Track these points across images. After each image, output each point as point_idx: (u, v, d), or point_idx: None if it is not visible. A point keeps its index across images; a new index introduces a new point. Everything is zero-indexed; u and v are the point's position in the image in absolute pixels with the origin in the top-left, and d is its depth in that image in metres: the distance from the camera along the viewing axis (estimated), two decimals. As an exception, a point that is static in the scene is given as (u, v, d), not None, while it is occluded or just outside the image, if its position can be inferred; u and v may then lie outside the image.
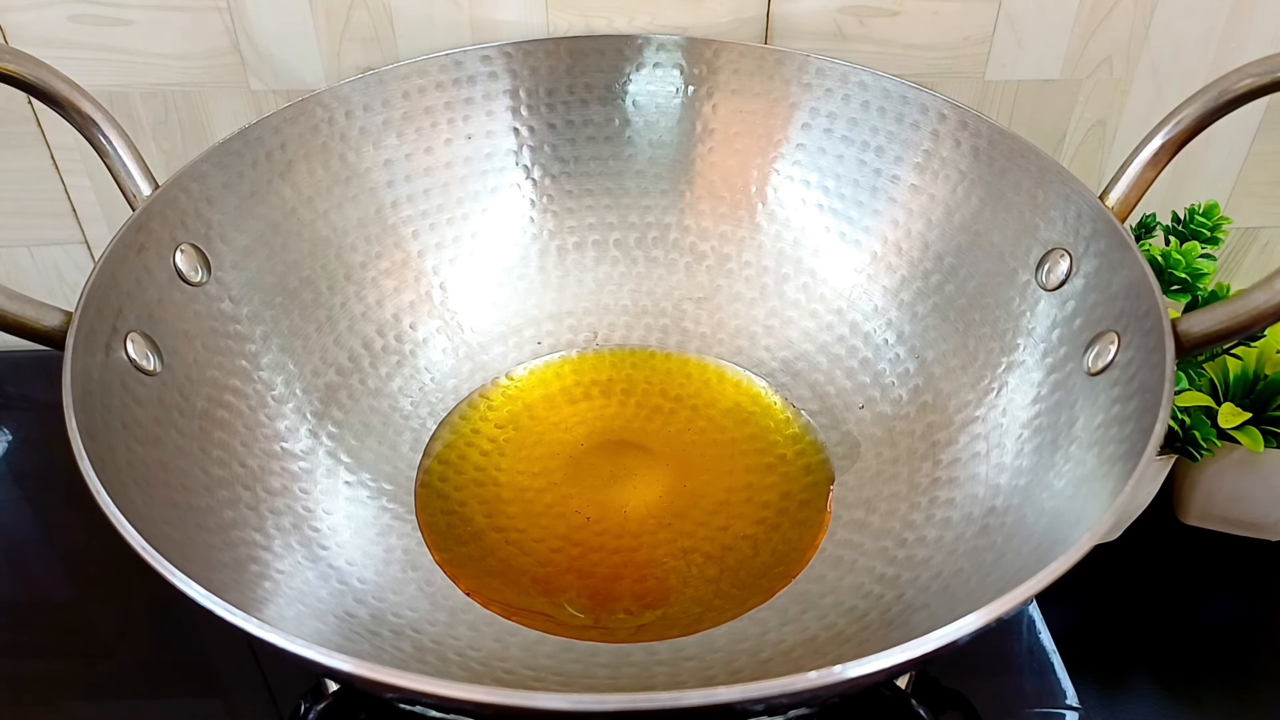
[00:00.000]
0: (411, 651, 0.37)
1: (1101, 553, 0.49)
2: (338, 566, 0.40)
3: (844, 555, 0.42)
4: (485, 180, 0.50)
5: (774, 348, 0.50)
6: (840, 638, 0.38)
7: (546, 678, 0.38)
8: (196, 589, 0.27)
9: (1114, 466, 0.33)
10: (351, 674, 0.25)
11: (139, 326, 0.38)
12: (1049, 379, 0.40)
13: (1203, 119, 0.37)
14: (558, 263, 0.52)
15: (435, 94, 0.48)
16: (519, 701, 0.25)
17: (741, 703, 0.24)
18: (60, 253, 0.56)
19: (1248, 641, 0.46)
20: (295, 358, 0.45)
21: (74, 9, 0.48)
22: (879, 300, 0.48)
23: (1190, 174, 0.55)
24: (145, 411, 0.37)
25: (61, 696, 0.42)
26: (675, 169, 0.51)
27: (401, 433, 0.47)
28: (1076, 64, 0.51)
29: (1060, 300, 0.41)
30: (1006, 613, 0.27)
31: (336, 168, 0.47)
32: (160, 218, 0.40)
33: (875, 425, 0.46)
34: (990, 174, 0.44)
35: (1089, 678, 0.44)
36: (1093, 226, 0.39)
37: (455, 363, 0.49)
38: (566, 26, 0.50)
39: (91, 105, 0.39)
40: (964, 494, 0.41)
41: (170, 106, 0.51)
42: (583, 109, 0.50)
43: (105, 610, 0.46)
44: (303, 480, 0.42)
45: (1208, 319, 0.34)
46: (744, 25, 0.50)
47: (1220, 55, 0.51)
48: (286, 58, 0.50)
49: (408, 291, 0.49)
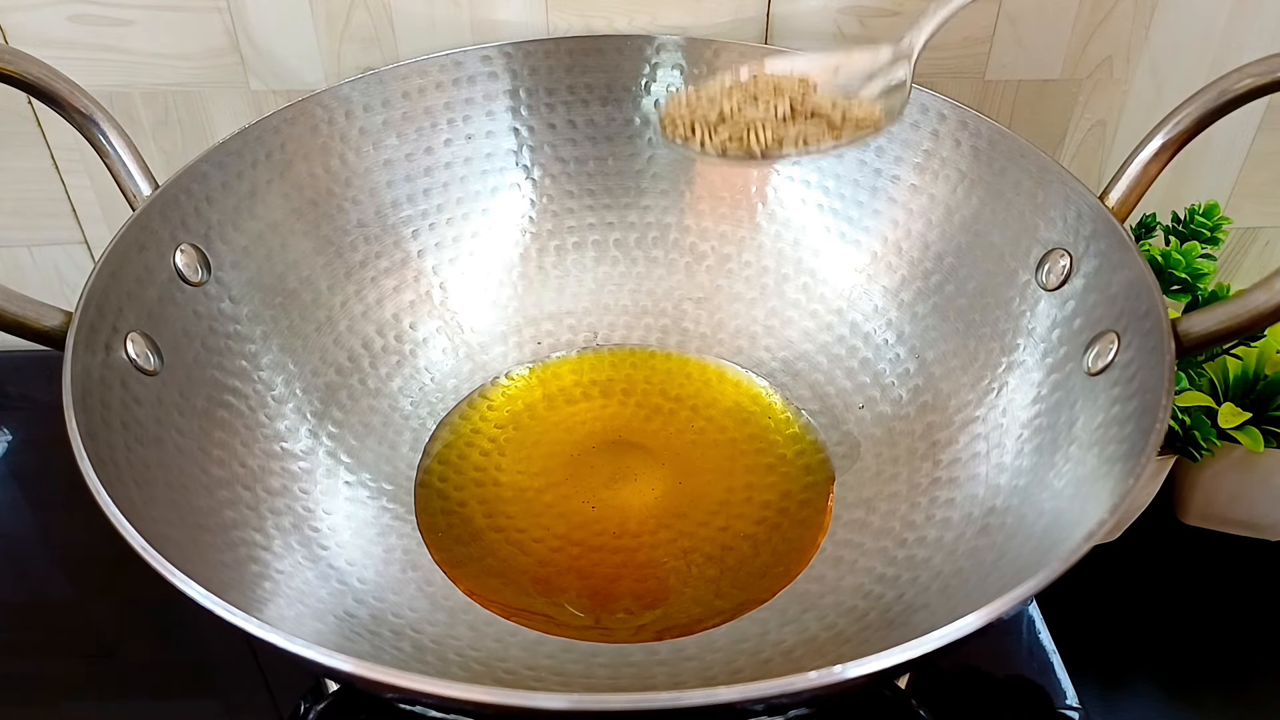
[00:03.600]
0: (411, 651, 0.37)
1: (1101, 553, 0.49)
2: (338, 566, 0.40)
3: (844, 555, 0.42)
4: (485, 180, 0.50)
5: (774, 348, 0.50)
6: (840, 638, 0.38)
7: (546, 678, 0.38)
8: (196, 589, 0.27)
9: (1114, 466, 0.33)
10: (351, 674, 0.25)
11: (139, 326, 0.38)
12: (1049, 379, 0.40)
13: (1203, 119, 0.37)
14: (558, 263, 0.52)
15: (435, 94, 0.48)
16: (519, 701, 0.25)
17: (741, 703, 0.24)
18: (60, 253, 0.56)
19: (1248, 641, 0.46)
20: (295, 358, 0.45)
21: (74, 9, 0.48)
22: (879, 300, 0.48)
23: (1190, 174, 0.55)
24: (145, 411, 0.37)
25: (61, 696, 0.42)
26: (675, 169, 0.51)
27: (401, 433, 0.47)
28: (1076, 64, 0.51)
29: (1060, 300, 0.41)
30: (1006, 613, 0.27)
31: (336, 168, 0.47)
32: (160, 218, 0.40)
33: (875, 425, 0.46)
34: (990, 174, 0.44)
35: (1089, 678, 0.44)
36: (1093, 226, 0.39)
37: (455, 363, 0.49)
38: (566, 26, 0.50)
39: (91, 105, 0.39)
40: (964, 494, 0.41)
41: (170, 106, 0.51)
42: (583, 109, 0.50)
43: (105, 610, 0.46)
44: (303, 480, 0.42)
45: (1208, 319, 0.34)
46: (744, 25, 0.50)
47: (1220, 55, 0.51)
48: (286, 58, 0.50)
49: (408, 291, 0.49)
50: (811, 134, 0.33)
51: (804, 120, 0.33)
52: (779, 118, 0.33)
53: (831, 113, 0.34)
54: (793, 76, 0.36)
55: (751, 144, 0.33)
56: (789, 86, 0.35)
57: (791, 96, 0.34)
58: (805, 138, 0.33)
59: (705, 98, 0.35)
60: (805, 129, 0.33)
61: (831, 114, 0.34)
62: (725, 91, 0.35)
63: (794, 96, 0.34)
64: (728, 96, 0.34)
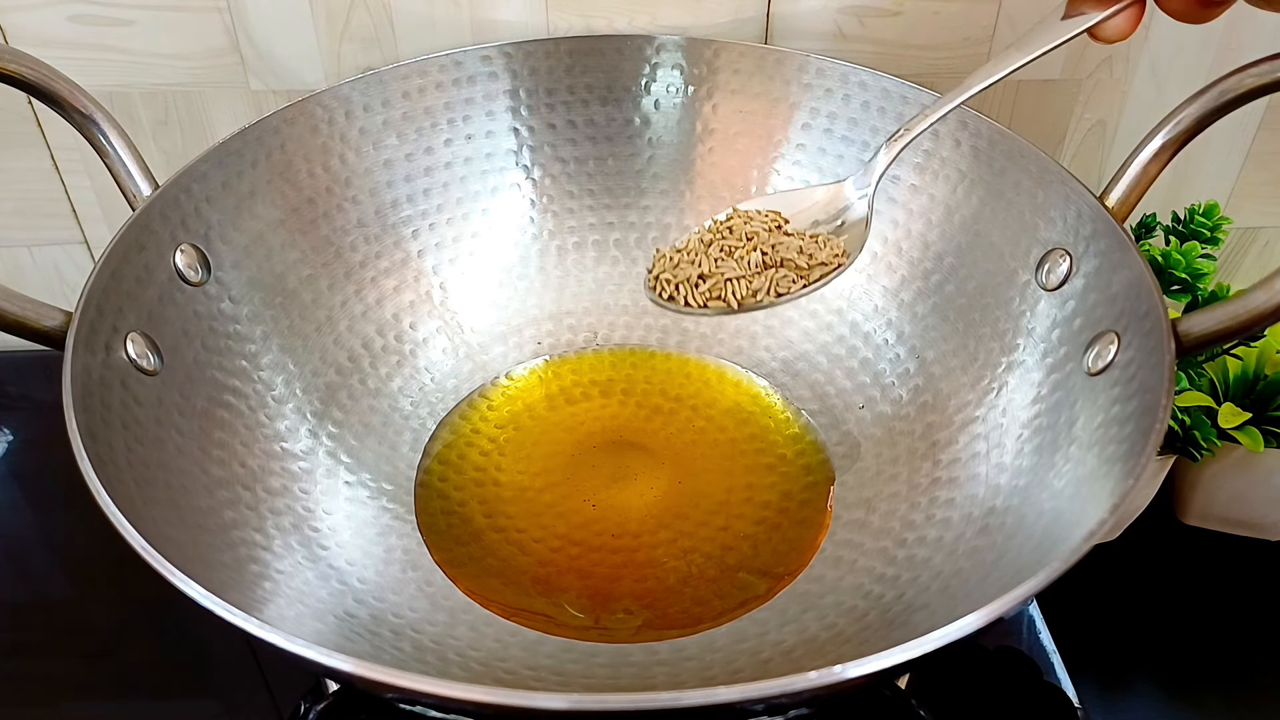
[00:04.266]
0: (411, 651, 0.37)
1: (1101, 553, 0.49)
2: (338, 566, 0.40)
3: (844, 555, 0.42)
4: (485, 180, 0.50)
5: (774, 348, 0.50)
6: (840, 638, 0.38)
7: (546, 678, 0.38)
8: (196, 589, 0.27)
9: (1114, 466, 0.33)
10: (351, 674, 0.25)
11: (139, 326, 0.38)
12: (1049, 379, 0.40)
13: (1203, 119, 0.37)
14: (558, 263, 0.52)
15: (435, 94, 0.48)
16: (519, 701, 0.25)
17: (741, 703, 0.24)
18: (60, 253, 0.56)
19: (1248, 641, 0.46)
20: (295, 358, 0.45)
21: (74, 9, 0.48)
22: (879, 300, 0.48)
23: (1190, 174, 0.55)
24: (145, 411, 0.37)
25: (61, 696, 0.42)
26: (675, 169, 0.51)
27: (401, 433, 0.47)
28: (1076, 64, 0.51)
29: (1060, 300, 0.41)
30: (1006, 613, 0.27)
31: (336, 168, 0.47)
32: (160, 218, 0.40)
33: (875, 425, 0.46)
34: (990, 174, 0.44)
35: (1089, 678, 0.44)
36: (1093, 227, 0.39)
37: (455, 363, 0.49)
38: (566, 26, 0.50)
39: (91, 105, 0.39)
40: (964, 494, 0.41)
41: (170, 106, 0.51)
42: (583, 109, 0.50)
43: (105, 610, 0.46)
44: (303, 480, 0.42)
45: (1208, 319, 0.34)
46: (744, 25, 0.50)
47: (1220, 55, 0.51)
48: (286, 58, 0.50)
49: (408, 291, 0.49)
50: (782, 282, 0.38)
51: (775, 269, 0.38)
52: (753, 268, 0.38)
53: (799, 259, 0.38)
54: (765, 213, 0.40)
55: (730, 300, 0.37)
56: (761, 227, 0.39)
57: (763, 248, 0.38)
58: (776, 288, 0.38)
59: (687, 257, 0.39)
60: (776, 278, 0.38)
61: (799, 260, 0.38)
62: (704, 247, 0.39)
63: (765, 246, 0.38)
64: (706, 253, 0.38)
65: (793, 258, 0.38)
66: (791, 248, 0.38)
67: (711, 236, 0.39)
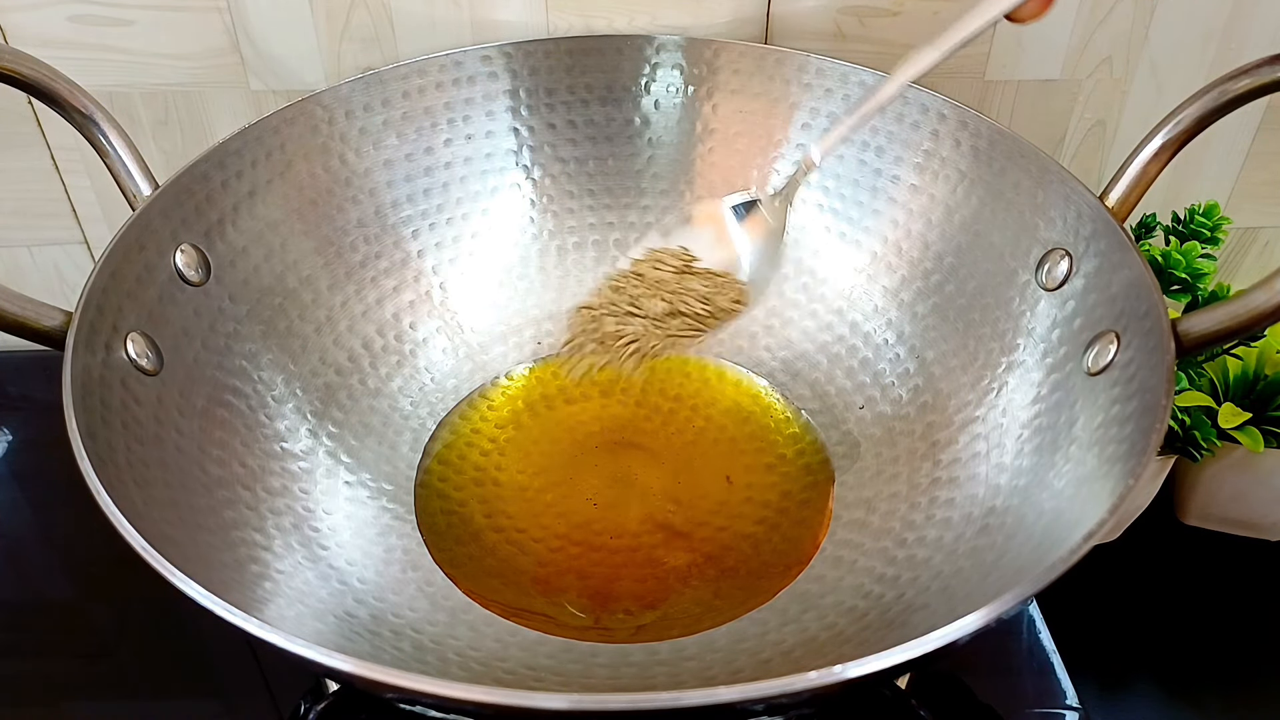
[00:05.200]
0: (411, 651, 0.37)
1: (1101, 553, 0.49)
2: (338, 566, 0.40)
3: (844, 555, 0.42)
4: (485, 180, 0.50)
5: (774, 347, 0.50)
6: (840, 638, 0.38)
7: (546, 678, 0.38)
8: (196, 589, 0.27)
9: (1114, 466, 0.33)
10: (351, 674, 0.25)
11: (139, 326, 0.38)
12: (1049, 379, 0.40)
13: (1203, 119, 0.37)
14: (558, 263, 0.52)
15: (435, 94, 0.48)
16: (519, 701, 0.25)
17: (741, 703, 0.24)
18: (60, 253, 0.56)
19: (1248, 641, 0.46)
20: (295, 358, 0.45)
21: (74, 9, 0.48)
22: (879, 300, 0.48)
23: (1190, 174, 0.55)
24: (145, 411, 0.37)
25: (61, 696, 0.42)
26: (675, 169, 0.51)
27: (401, 433, 0.47)
28: (1076, 64, 0.51)
29: (1060, 300, 0.41)
30: (1006, 613, 0.27)
31: (336, 168, 0.47)
32: (160, 218, 0.40)
33: (875, 425, 0.46)
34: (990, 174, 0.44)
35: (1089, 678, 0.44)
36: (1093, 226, 0.39)
37: (455, 363, 0.49)
38: (566, 26, 0.50)
39: (91, 105, 0.39)
40: (964, 494, 0.41)
41: (170, 106, 0.51)
42: (583, 109, 0.50)
43: (105, 610, 0.46)
44: (303, 480, 0.42)
45: (1208, 319, 0.34)
46: (744, 25, 0.50)
47: (1220, 55, 0.51)
48: (286, 58, 0.50)
49: (408, 291, 0.49)
50: (685, 333, 0.40)
51: (678, 318, 0.40)
52: (659, 316, 0.40)
53: (699, 307, 0.40)
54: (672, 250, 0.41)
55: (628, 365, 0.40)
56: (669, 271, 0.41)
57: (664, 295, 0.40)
58: (678, 341, 0.40)
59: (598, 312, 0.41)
60: (678, 331, 0.40)
61: (699, 308, 0.40)
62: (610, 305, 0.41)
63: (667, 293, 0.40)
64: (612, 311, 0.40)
65: (693, 306, 0.40)
66: (695, 295, 0.40)
67: (623, 283, 0.41)
